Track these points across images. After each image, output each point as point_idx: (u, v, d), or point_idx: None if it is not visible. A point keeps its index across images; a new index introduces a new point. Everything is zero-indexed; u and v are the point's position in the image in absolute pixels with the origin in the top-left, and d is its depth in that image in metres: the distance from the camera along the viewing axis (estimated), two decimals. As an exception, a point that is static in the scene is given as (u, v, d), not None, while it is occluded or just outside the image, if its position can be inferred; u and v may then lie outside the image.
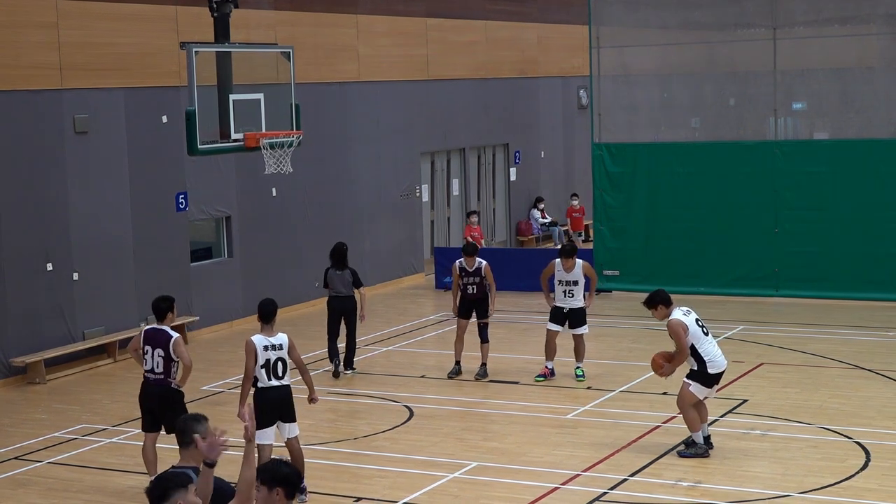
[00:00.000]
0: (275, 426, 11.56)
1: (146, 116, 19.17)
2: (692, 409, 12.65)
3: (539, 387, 15.98)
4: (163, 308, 12.18)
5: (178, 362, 12.00)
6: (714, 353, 12.55)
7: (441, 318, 21.07)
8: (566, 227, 29.70)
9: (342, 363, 16.85)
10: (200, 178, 20.02)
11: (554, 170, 30.71)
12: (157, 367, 11.97)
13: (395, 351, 18.63)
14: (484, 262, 16.40)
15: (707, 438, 12.77)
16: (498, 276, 23.43)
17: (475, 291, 16.36)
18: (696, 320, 12.61)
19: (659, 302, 12.71)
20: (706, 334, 12.62)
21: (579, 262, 16.04)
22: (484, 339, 16.43)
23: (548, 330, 16.16)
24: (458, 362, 16.61)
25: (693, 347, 12.48)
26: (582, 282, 16.06)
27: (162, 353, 11.93)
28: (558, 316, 16.12)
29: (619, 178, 22.88)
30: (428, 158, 26.42)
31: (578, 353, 16.22)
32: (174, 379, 12.04)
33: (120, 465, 13.09)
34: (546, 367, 16.24)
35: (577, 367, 16.20)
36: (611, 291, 22.74)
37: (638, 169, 22.74)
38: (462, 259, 16.41)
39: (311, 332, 18.75)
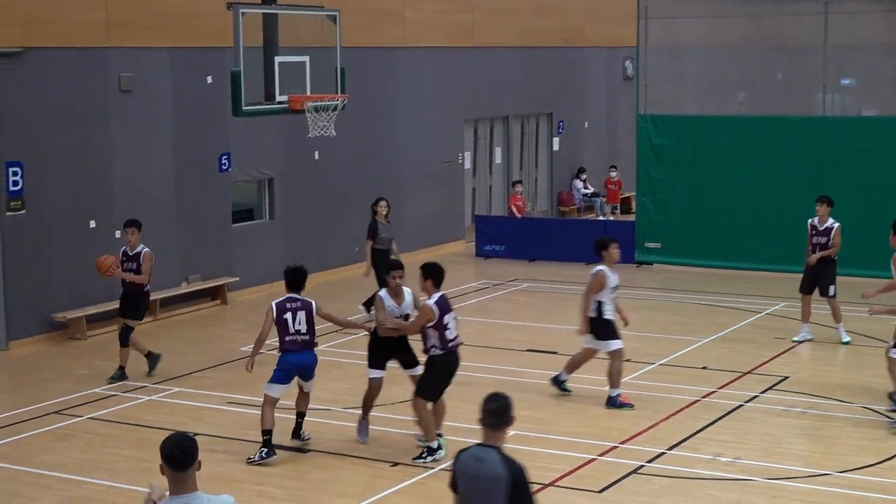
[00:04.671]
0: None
1: (191, 76, 19.18)
2: None
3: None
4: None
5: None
6: None
7: (481, 285, 21.03)
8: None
9: None
10: (244, 140, 20.03)
11: (597, 141, 30.51)
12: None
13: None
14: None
15: None
16: (538, 246, 23.59)
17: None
18: None
19: None
20: None
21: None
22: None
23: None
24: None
25: None
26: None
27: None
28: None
29: (664, 151, 22.71)
30: (471, 126, 26.30)
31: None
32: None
33: (158, 422, 13.17)
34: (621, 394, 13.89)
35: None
36: (652, 264, 22.63)
37: (683, 142, 22.56)
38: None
39: (350, 296, 18.76)
